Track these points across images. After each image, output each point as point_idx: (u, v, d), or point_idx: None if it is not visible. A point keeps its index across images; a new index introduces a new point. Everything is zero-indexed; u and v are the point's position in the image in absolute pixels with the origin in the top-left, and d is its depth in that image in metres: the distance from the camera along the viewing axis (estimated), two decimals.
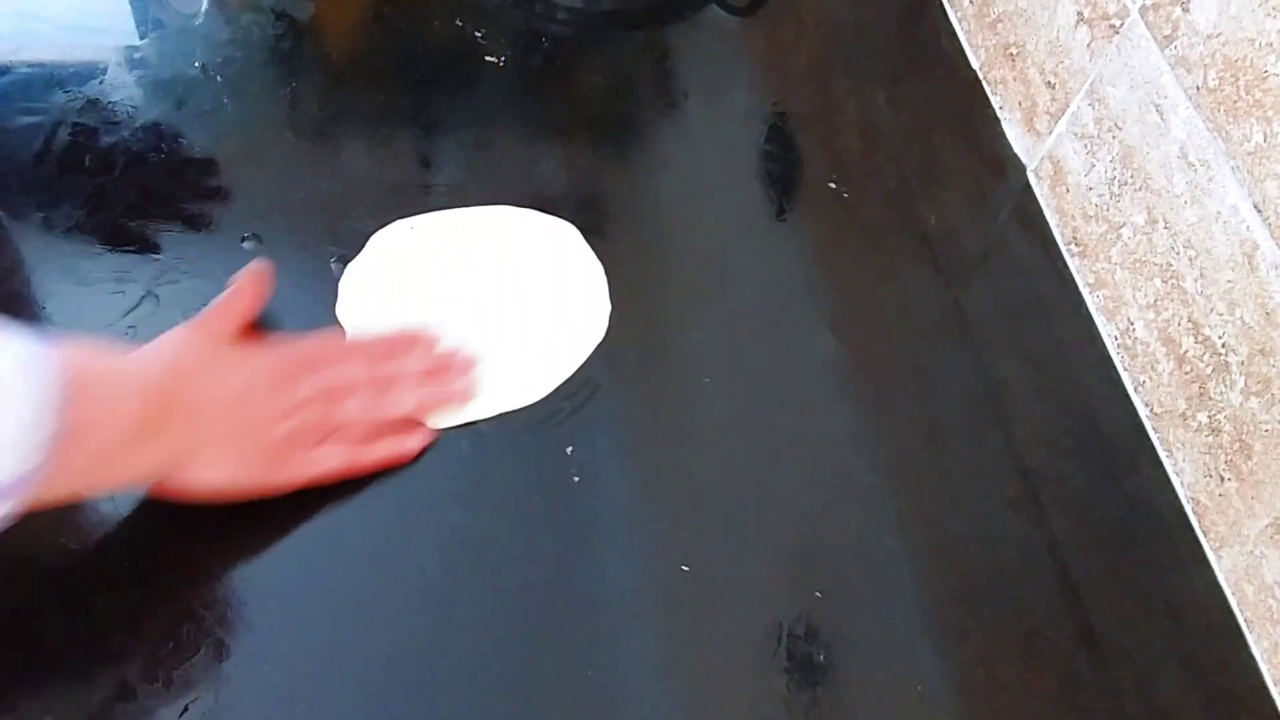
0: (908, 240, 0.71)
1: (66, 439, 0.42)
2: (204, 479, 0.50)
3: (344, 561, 0.53)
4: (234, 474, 0.51)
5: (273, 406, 0.52)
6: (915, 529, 0.58)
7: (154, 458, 0.48)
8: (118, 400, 0.46)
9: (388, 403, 0.55)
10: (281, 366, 0.53)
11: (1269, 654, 0.57)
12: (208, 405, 0.49)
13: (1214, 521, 0.60)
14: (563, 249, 0.66)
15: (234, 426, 0.50)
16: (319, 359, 0.55)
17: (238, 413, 0.51)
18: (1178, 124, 0.61)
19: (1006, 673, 0.55)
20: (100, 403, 0.45)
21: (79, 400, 0.43)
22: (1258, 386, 0.57)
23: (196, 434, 0.49)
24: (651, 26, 0.81)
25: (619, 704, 0.51)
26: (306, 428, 0.52)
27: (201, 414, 0.49)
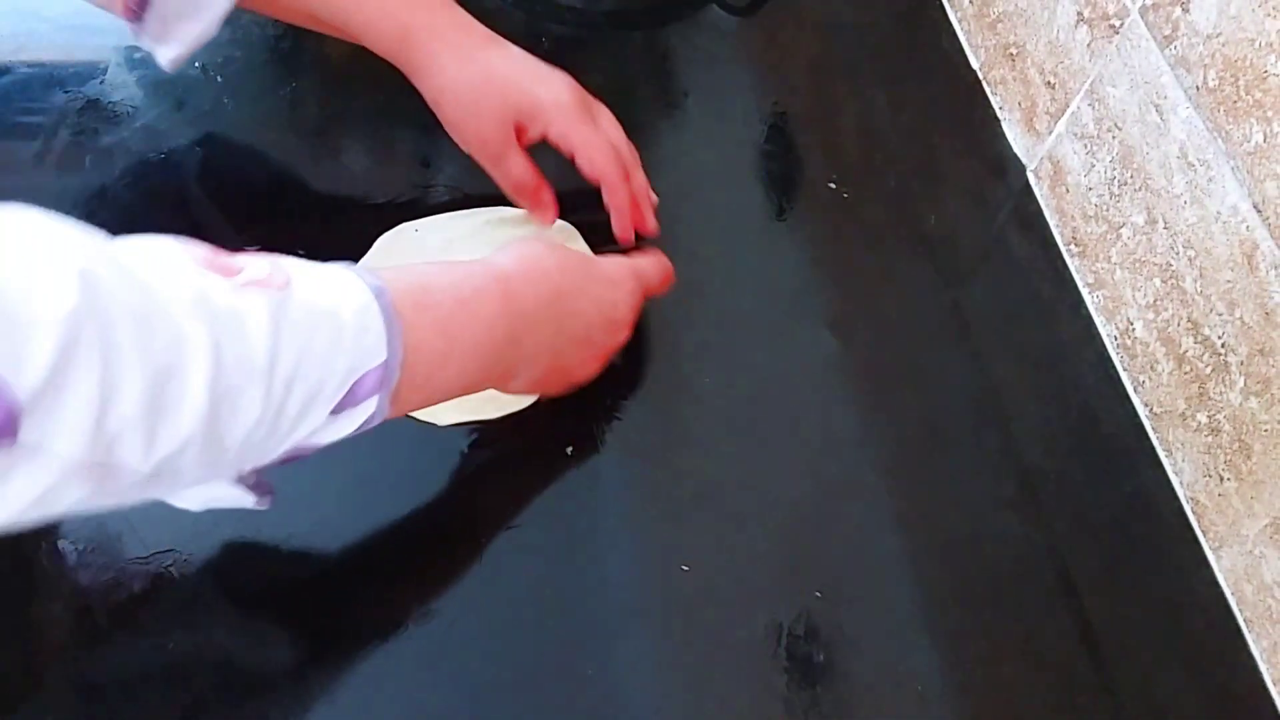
0: (907, 240, 0.71)
1: (441, 367, 0.47)
2: (514, 389, 0.54)
3: (342, 561, 0.53)
4: (537, 386, 0.56)
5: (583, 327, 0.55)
6: (915, 529, 0.58)
7: (503, 376, 0.52)
8: (493, 322, 0.49)
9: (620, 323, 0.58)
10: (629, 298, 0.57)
11: (1268, 653, 0.57)
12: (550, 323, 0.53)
13: (1213, 521, 0.60)
14: None
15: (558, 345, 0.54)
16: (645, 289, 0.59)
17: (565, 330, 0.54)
18: (1177, 124, 0.61)
19: (1006, 672, 0.55)
20: (477, 328, 0.48)
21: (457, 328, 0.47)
22: (1257, 386, 0.57)
23: (534, 351, 0.52)
24: (651, 27, 0.81)
25: (619, 704, 0.51)
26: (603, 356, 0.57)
27: (544, 332, 0.53)
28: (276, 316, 0.40)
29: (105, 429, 0.35)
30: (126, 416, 0.35)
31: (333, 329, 0.41)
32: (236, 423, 0.39)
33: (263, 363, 0.39)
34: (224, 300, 0.38)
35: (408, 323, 0.44)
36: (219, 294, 0.38)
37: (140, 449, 0.36)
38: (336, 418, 0.43)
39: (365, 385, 0.43)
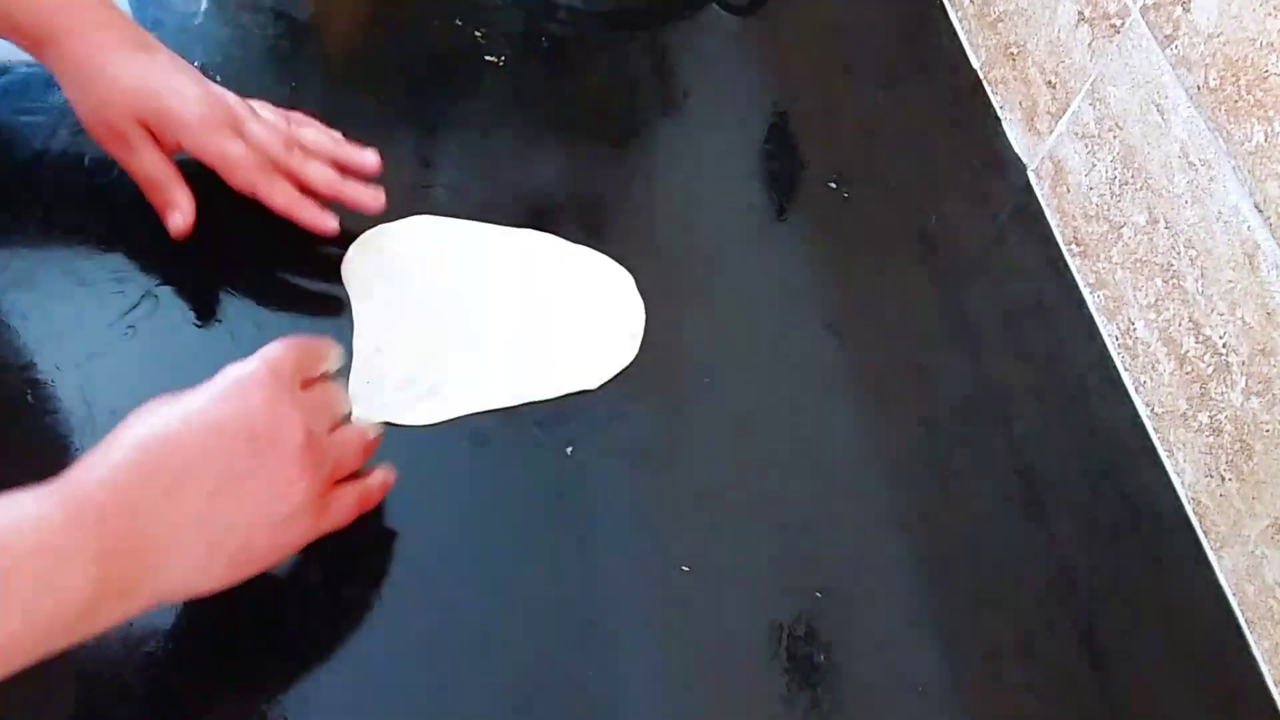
0: (908, 240, 0.71)
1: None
2: (194, 592, 0.44)
3: (341, 561, 0.53)
4: (227, 579, 0.44)
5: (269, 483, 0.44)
6: (915, 529, 0.58)
7: (124, 612, 0.41)
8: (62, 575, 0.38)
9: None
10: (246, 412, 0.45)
11: (1270, 654, 0.57)
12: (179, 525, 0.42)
13: (1215, 522, 0.60)
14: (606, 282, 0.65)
15: (218, 536, 0.43)
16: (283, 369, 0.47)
17: (219, 517, 0.43)
18: (1179, 124, 0.61)
19: (1006, 672, 0.55)
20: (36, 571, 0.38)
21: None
22: (1259, 386, 0.57)
23: (174, 573, 0.42)
24: (651, 26, 0.81)
25: (619, 705, 0.51)
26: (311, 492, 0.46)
27: (173, 543, 0.42)
28: None
29: None
30: None
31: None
32: None
33: None
34: None
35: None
36: None
37: None
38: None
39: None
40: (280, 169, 0.58)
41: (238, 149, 0.57)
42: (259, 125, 0.58)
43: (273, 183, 0.58)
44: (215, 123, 0.57)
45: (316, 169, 0.59)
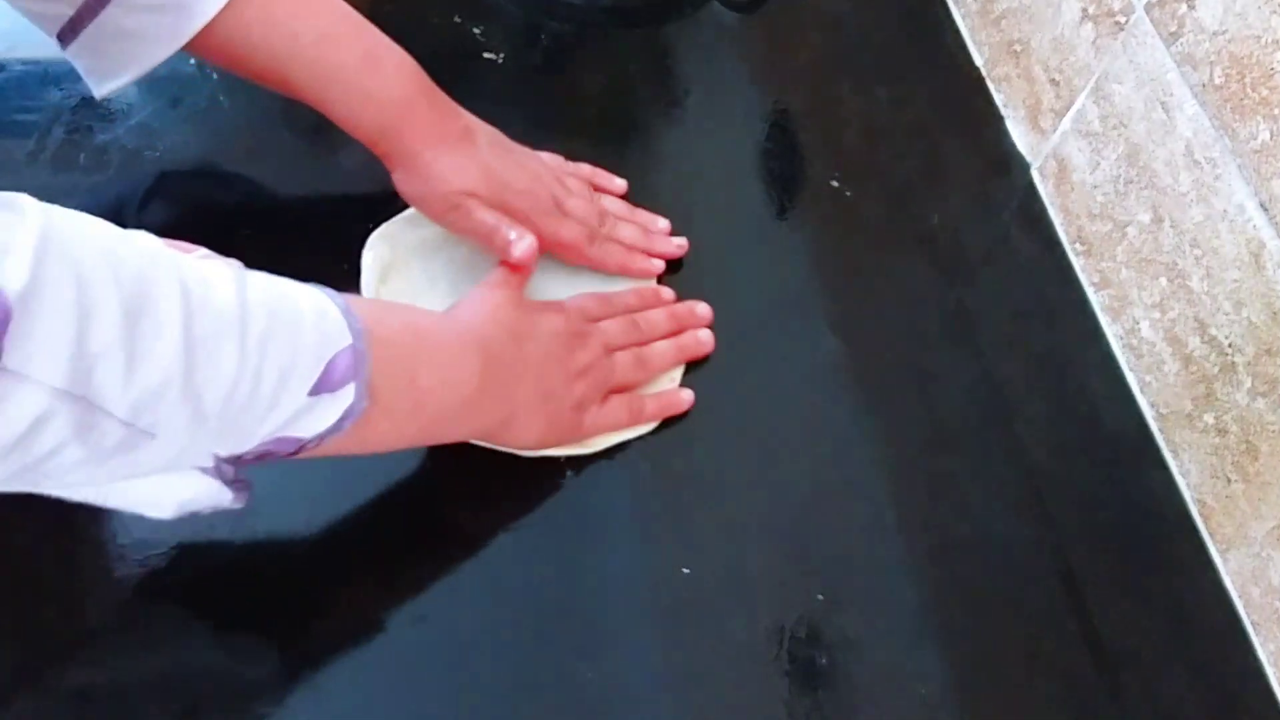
0: (910, 239, 0.71)
1: (413, 390, 0.47)
2: (521, 439, 0.55)
3: (341, 562, 0.52)
4: (544, 435, 0.55)
5: (571, 366, 0.56)
6: (918, 530, 0.58)
7: (485, 420, 0.52)
8: (463, 361, 0.50)
9: (653, 356, 0.60)
10: (569, 326, 0.57)
11: (1275, 657, 0.57)
12: (525, 368, 0.53)
13: (1220, 523, 0.60)
14: None
15: (545, 389, 0.54)
16: (590, 315, 0.59)
17: (547, 374, 0.54)
18: (1183, 121, 0.61)
19: (1010, 675, 0.54)
20: (446, 360, 0.49)
21: (427, 354, 0.48)
22: (1264, 387, 0.56)
23: (517, 397, 0.53)
24: (651, 23, 0.81)
25: (619, 707, 0.50)
26: (595, 386, 0.57)
27: (522, 376, 0.53)
28: (240, 283, 0.41)
29: (83, 355, 0.35)
30: (104, 341, 0.35)
31: (293, 310, 0.42)
32: (214, 377, 0.39)
33: (233, 315, 0.39)
34: (188, 262, 0.40)
35: (380, 340, 0.45)
36: (182, 258, 0.40)
37: (120, 380, 0.36)
38: (315, 401, 0.42)
39: (339, 367, 0.43)
40: (599, 235, 0.64)
41: (569, 231, 0.62)
42: (576, 201, 0.64)
43: (604, 251, 0.64)
44: (542, 209, 0.61)
45: (628, 231, 0.65)
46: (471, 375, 0.50)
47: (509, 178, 0.60)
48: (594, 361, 0.57)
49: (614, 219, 0.65)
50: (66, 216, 0.37)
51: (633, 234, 0.65)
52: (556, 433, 0.56)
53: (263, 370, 0.40)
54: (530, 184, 0.61)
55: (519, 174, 0.61)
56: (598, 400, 0.57)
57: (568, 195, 0.63)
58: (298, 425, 0.42)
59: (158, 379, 0.37)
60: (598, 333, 0.58)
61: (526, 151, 0.64)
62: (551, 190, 0.62)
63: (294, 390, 0.41)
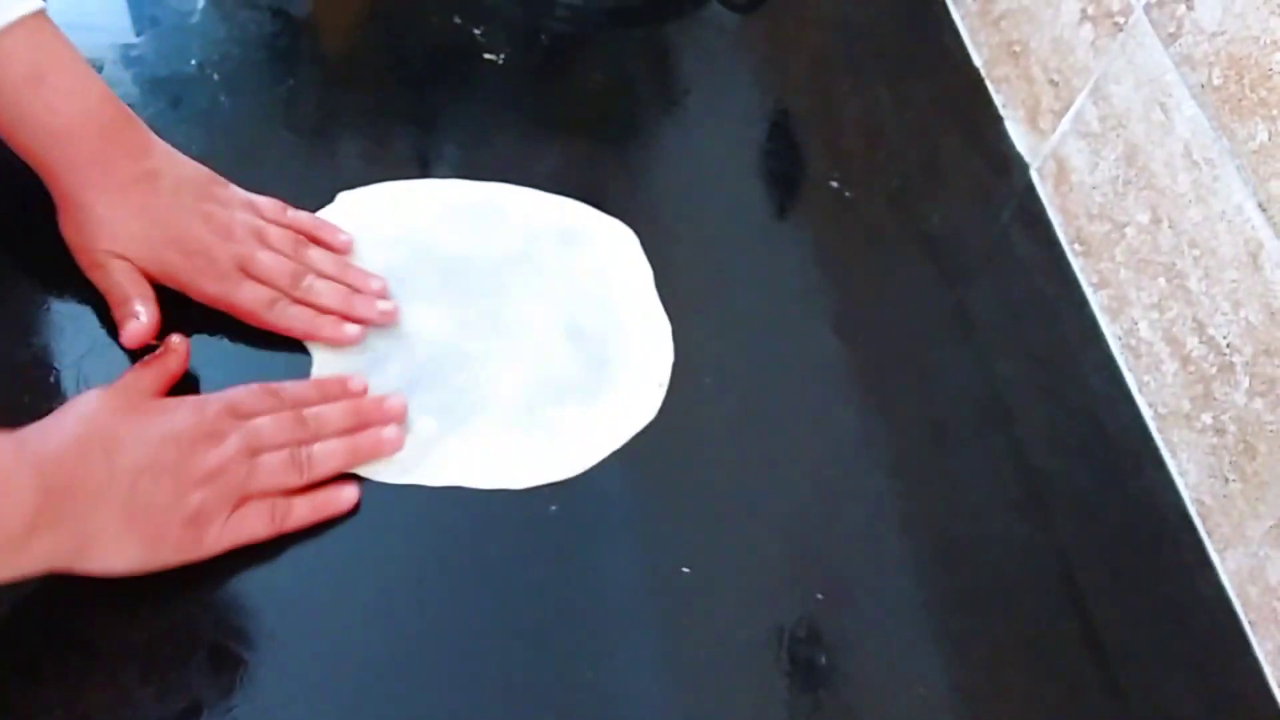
0: (910, 239, 0.71)
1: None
2: (109, 566, 0.47)
3: (341, 561, 0.52)
4: (142, 557, 0.47)
5: (187, 473, 0.48)
6: (918, 531, 0.58)
7: (52, 550, 0.44)
8: (8, 490, 0.43)
9: (314, 456, 0.52)
10: (199, 427, 0.50)
11: (1273, 656, 0.57)
12: (112, 483, 0.46)
13: (1218, 523, 0.60)
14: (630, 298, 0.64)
15: (141, 504, 0.47)
16: (240, 410, 0.51)
17: (146, 487, 0.47)
18: (1182, 122, 0.61)
19: (1010, 675, 0.54)
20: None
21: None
22: (1262, 387, 0.56)
23: (98, 519, 0.46)
24: (652, 23, 0.81)
25: (619, 707, 0.50)
26: (224, 493, 0.49)
27: (104, 495, 0.46)
28: None
29: None
30: None
31: None
32: None
33: None
34: None
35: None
36: None
37: None
38: None
39: None
40: (286, 298, 0.57)
41: (247, 294, 0.56)
42: (267, 259, 0.57)
43: (287, 316, 0.57)
44: (216, 272, 0.55)
45: (327, 293, 0.58)
46: (17, 506, 0.43)
47: (184, 234, 0.54)
48: (223, 465, 0.49)
49: (313, 278, 0.58)
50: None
51: (332, 296, 0.57)
52: (163, 552, 0.48)
53: None
54: (210, 240, 0.55)
55: (199, 231, 0.55)
56: (225, 510, 0.49)
57: (258, 250, 0.56)
58: None
59: None
60: (241, 432, 0.50)
61: (232, 198, 0.58)
62: (238, 248, 0.56)
63: None
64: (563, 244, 0.65)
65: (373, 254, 0.61)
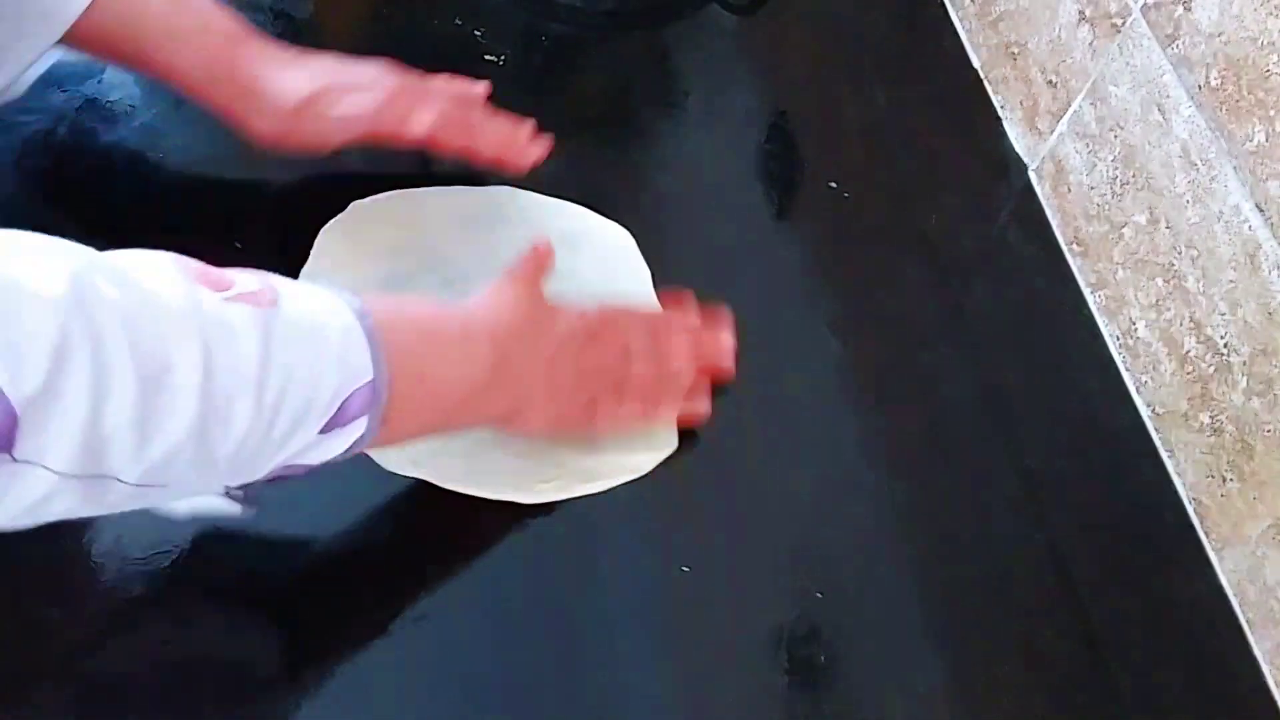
0: (908, 240, 0.71)
1: (422, 387, 0.47)
2: (530, 428, 0.54)
3: (341, 561, 0.52)
4: (554, 425, 0.55)
5: (584, 363, 0.55)
6: (916, 530, 0.58)
7: (494, 409, 0.52)
8: (473, 353, 0.50)
9: (671, 366, 0.58)
10: (587, 327, 0.56)
11: (1271, 655, 0.57)
12: (537, 359, 0.53)
13: (1216, 522, 0.60)
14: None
15: (556, 382, 0.54)
16: (612, 321, 0.58)
17: (558, 368, 0.54)
18: (1180, 123, 0.61)
19: (1008, 674, 0.55)
20: (456, 355, 0.49)
21: (437, 351, 0.48)
22: (1260, 387, 0.56)
23: (529, 387, 0.53)
24: (652, 26, 0.81)
25: (619, 705, 0.50)
26: (608, 386, 0.56)
27: (533, 368, 0.53)
28: (266, 331, 0.40)
29: (96, 439, 0.35)
30: (117, 425, 0.35)
31: (320, 348, 0.42)
32: (227, 435, 0.39)
33: (253, 374, 0.39)
34: (214, 311, 0.39)
35: (392, 345, 0.44)
36: (210, 305, 0.39)
37: (130, 457, 0.37)
38: (326, 436, 0.43)
39: (354, 404, 0.43)
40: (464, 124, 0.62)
41: (431, 114, 0.60)
42: (437, 88, 0.62)
43: (482, 131, 0.62)
44: (396, 111, 0.60)
45: (494, 124, 0.63)
46: (480, 367, 0.50)
47: (354, 77, 0.60)
48: (609, 363, 0.56)
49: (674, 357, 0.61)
50: (93, 272, 0.36)
51: (689, 367, 0.61)
52: (565, 425, 0.55)
53: (275, 421, 0.40)
54: (375, 85, 0.60)
55: (365, 72, 0.60)
56: (612, 400, 0.56)
57: (428, 90, 0.62)
58: (306, 455, 0.43)
59: (170, 448, 0.37)
60: (616, 336, 0.57)
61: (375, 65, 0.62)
62: (407, 89, 0.61)
63: (306, 431, 0.42)
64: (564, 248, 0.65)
65: (376, 264, 0.62)
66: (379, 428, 0.44)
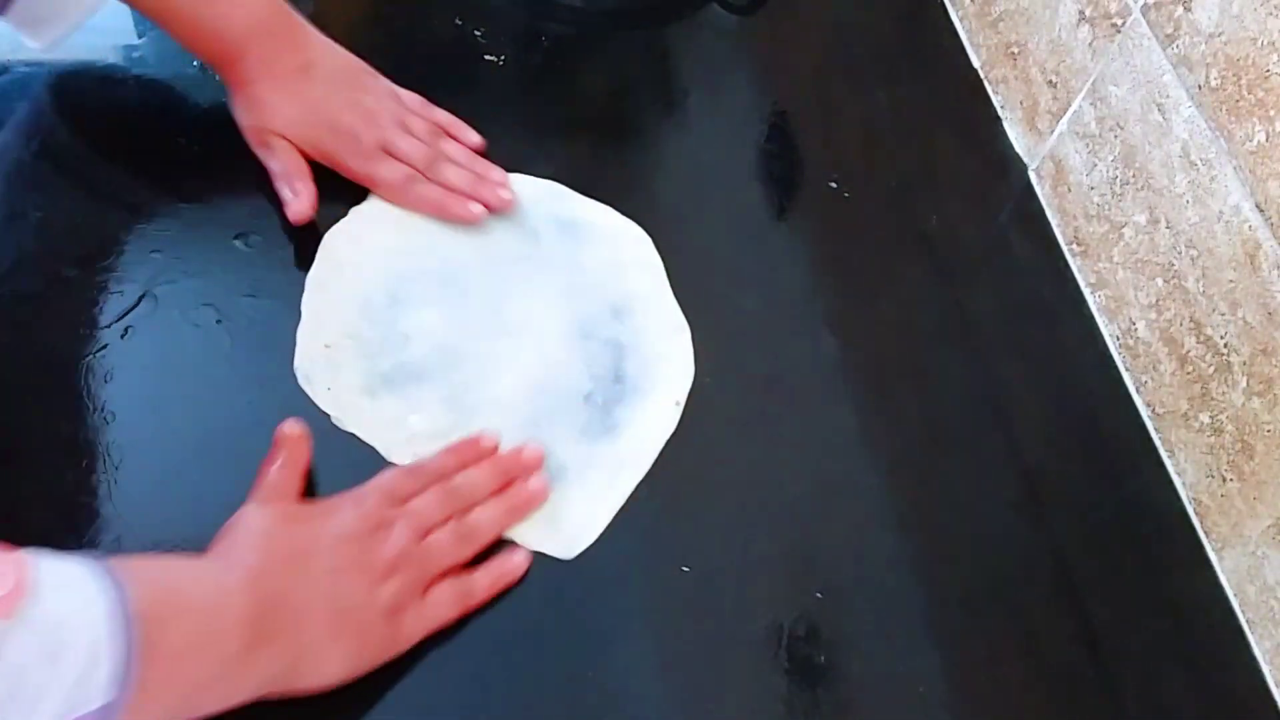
0: (908, 240, 0.71)
1: (161, 668, 0.40)
2: (322, 678, 0.46)
3: None
4: (350, 663, 0.47)
5: (372, 567, 0.48)
6: (916, 530, 0.58)
7: (267, 670, 0.44)
8: (227, 608, 0.43)
9: (478, 527, 0.52)
10: (366, 520, 0.49)
11: (1271, 655, 0.57)
12: (314, 590, 0.46)
13: (1216, 522, 0.60)
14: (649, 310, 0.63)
15: (342, 607, 0.47)
16: (396, 495, 0.51)
17: (344, 589, 0.47)
18: (1180, 123, 0.61)
19: (1007, 673, 0.55)
20: (197, 622, 0.43)
21: (173, 623, 0.41)
22: (1260, 387, 0.56)
23: (308, 630, 0.46)
24: (652, 26, 0.81)
25: (619, 705, 0.50)
26: (410, 580, 0.49)
27: (310, 604, 0.46)
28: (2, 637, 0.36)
29: None
30: None
31: (55, 665, 0.37)
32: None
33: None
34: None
35: (147, 649, 0.39)
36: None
37: None
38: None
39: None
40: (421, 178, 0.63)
41: (386, 172, 0.62)
42: (408, 143, 0.63)
43: (419, 192, 0.63)
44: (361, 151, 0.62)
45: (453, 174, 0.64)
46: (236, 624, 0.43)
47: (335, 117, 0.62)
48: (401, 552, 0.49)
49: (445, 162, 0.64)
50: None
51: (459, 178, 0.64)
52: (369, 653, 0.47)
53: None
54: (356, 124, 0.62)
55: (348, 114, 0.62)
56: (417, 595, 0.49)
57: (400, 136, 0.63)
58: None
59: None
60: (405, 517, 0.50)
61: (376, 87, 0.65)
62: (381, 132, 0.63)
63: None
64: (568, 237, 0.65)
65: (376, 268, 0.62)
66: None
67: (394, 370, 0.58)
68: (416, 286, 0.61)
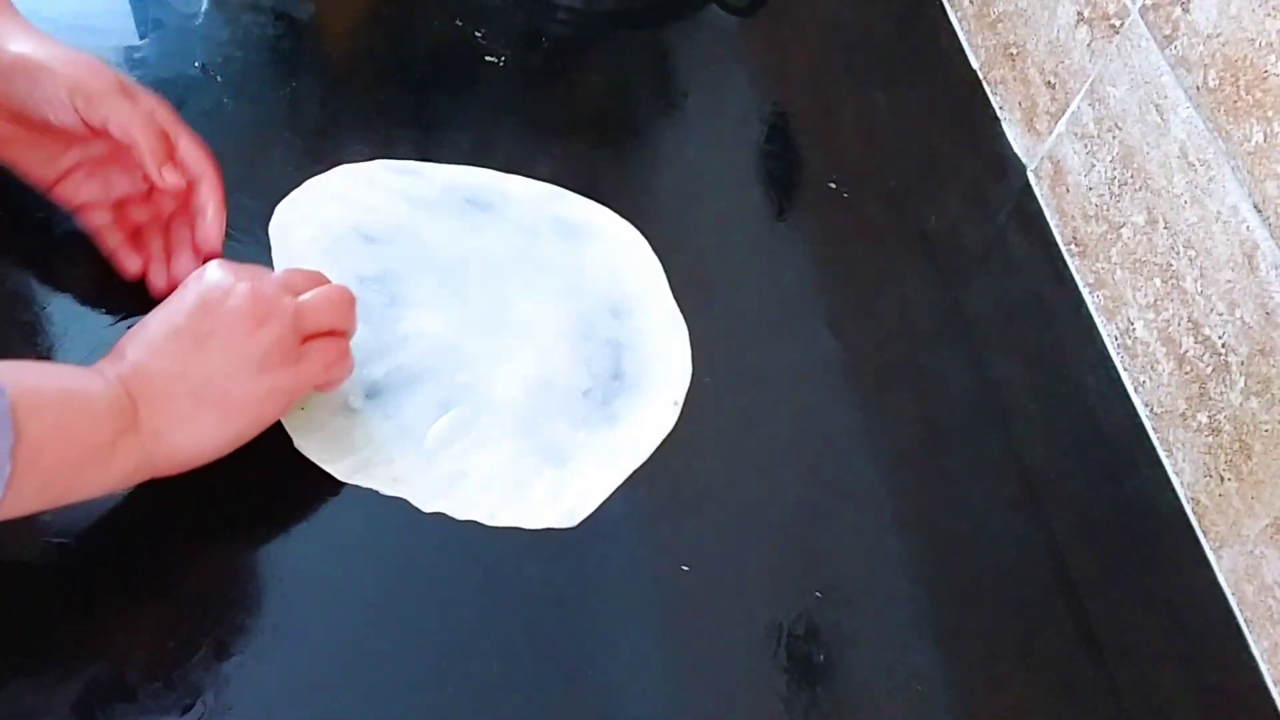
0: (908, 240, 0.71)
1: (30, 452, 0.42)
2: (197, 450, 0.49)
3: (342, 560, 0.53)
4: (224, 431, 0.49)
5: (237, 335, 0.49)
6: (915, 529, 0.58)
7: (132, 454, 0.47)
8: (83, 408, 0.45)
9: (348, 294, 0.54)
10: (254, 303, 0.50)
11: (1269, 654, 0.57)
12: (176, 367, 0.48)
13: (1214, 521, 0.60)
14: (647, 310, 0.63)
15: (204, 379, 0.48)
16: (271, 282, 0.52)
17: (205, 360, 0.48)
18: (1178, 124, 0.61)
19: (1005, 672, 0.55)
20: (60, 413, 0.44)
21: (33, 415, 0.42)
22: (1258, 386, 0.57)
23: (167, 413, 0.48)
24: (651, 26, 0.81)
25: (619, 704, 0.51)
26: (276, 340, 0.50)
27: (174, 381, 0.48)
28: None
29: None
30: None
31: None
32: None
33: None
34: None
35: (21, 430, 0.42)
36: None
37: None
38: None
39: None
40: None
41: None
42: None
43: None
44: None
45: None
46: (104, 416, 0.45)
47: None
48: (272, 304, 0.50)
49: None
50: None
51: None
52: (241, 418, 0.50)
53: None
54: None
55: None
56: (290, 355, 0.50)
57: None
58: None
59: None
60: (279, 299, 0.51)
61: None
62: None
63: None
64: (566, 239, 0.65)
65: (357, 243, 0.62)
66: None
67: (391, 373, 0.58)
68: (415, 287, 0.61)
